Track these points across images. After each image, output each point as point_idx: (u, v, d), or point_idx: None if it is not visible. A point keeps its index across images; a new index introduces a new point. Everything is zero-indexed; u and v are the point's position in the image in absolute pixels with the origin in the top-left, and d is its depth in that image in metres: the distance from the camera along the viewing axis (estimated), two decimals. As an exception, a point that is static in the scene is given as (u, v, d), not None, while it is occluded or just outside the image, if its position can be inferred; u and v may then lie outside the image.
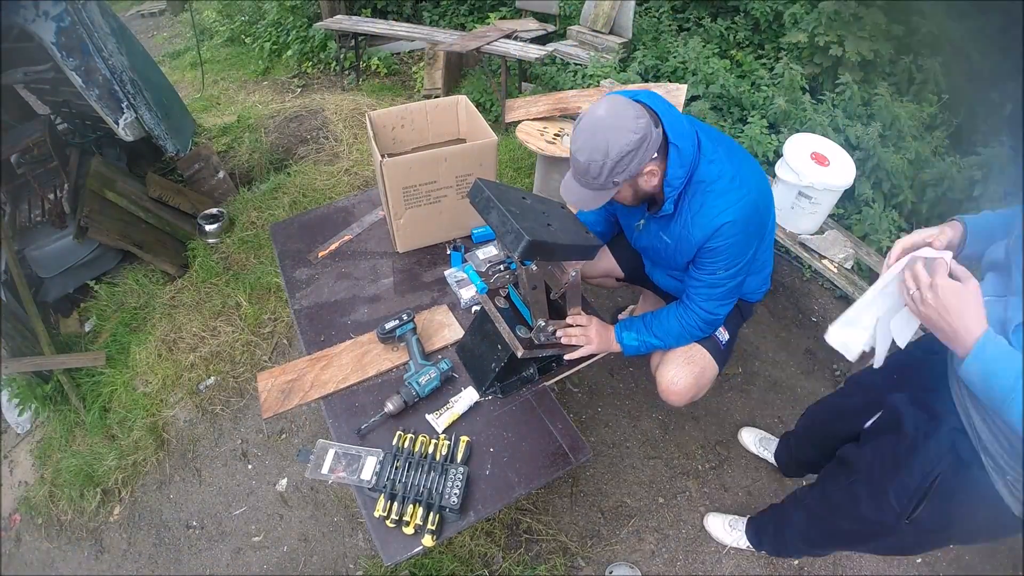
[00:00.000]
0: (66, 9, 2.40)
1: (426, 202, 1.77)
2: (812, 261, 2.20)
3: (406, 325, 1.56)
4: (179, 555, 1.97)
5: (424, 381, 1.45)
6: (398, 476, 1.27)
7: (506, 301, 1.47)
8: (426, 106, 1.94)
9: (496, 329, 1.41)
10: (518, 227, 1.12)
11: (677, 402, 1.57)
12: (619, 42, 3.83)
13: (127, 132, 2.81)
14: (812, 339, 2.55)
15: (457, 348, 1.61)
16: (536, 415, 1.47)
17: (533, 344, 1.38)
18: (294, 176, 3.35)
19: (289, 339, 2.50)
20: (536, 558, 1.83)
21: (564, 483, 2.00)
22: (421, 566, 1.76)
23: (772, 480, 2.02)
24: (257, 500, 2.06)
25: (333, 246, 1.94)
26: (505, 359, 1.41)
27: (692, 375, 1.52)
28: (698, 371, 1.53)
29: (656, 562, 1.85)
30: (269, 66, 5.10)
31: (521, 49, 3.61)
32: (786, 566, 1.85)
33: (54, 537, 2.10)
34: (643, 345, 1.52)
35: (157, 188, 2.99)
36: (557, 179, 2.78)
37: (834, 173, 2.10)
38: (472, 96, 3.96)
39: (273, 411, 1.48)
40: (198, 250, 2.90)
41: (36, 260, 2.63)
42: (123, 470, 2.15)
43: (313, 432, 2.22)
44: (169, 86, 3.43)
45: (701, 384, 1.56)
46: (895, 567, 1.87)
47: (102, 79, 2.62)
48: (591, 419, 2.18)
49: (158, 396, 2.35)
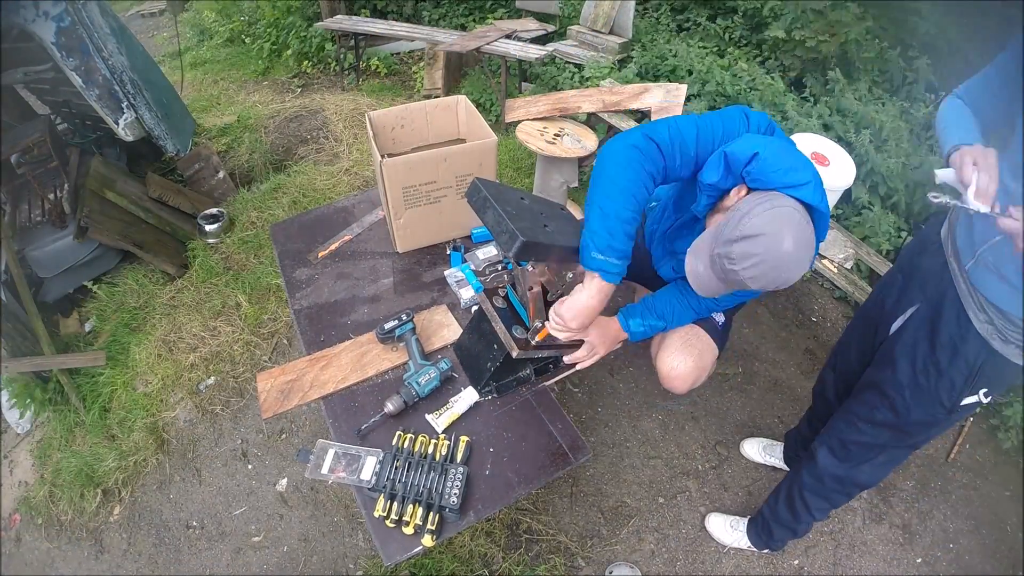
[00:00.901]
0: (66, 9, 2.40)
1: (426, 202, 1.77)
2: (812, 261, 2.20)
3: (405, 325, 1.55)
4: (179, 555, 1.97)
5: (424, 381, 1.45)
6: (398, 476, 1.27)
7: (504, 301, 1.47)
8: (426, 106, 1.94)
9: (493, 329, 1.41)
10: (513, 227, 1.11)
11: (680, 388, 1.54)
12: (619, 42, 3.83)
13: (127, 132, 2.81)
14: (812, 339, 2.55)
15: (455, 346, 1.61)
16: (536, 415, 1.47)
17: (529, 345, 1.38)
18: (294, 176, 3.35)
19: (289, 339, 2.50)
20: (536, 558, 1.83)
21: (564, 483, 2.00)
22: (421, 566, 1.76)
23: (772, 480, 2.02)
24: (257, 500, 2.06)
25: (333, 246, 1.94)
26: (501, 359, 1.41)
27: (692, 358, 1.50)
28: (697, 354, 1.51)
29: (656, 562, 1.85)
30: (269, 66, 5.10)
31: (521, 49, 3.61)
32: (786, 566, 1.85)
33: (54, 537, 2.10)
34: (649, 329, 1.49)
35: (157, 188, 2.99)
36: (557, 179, 2.78)
37: (834, 173, 2.10)
38: (472, 96, 3.96)
39: (273, 411, 1.48)
40: (198, 250, 2.90)
41: (36, 260, 2.63)
42: (123, 470, 2.15)
43: (313, 432, 2.22)
44: (169, 86, 3.42)
45: (702, 367, 1.53)
46: (895, 567, 1.87)
47: (102, 79, 2.62)
48: (591, 419, 2.18)
49: (158, 396, 2.35)
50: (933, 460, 2.15)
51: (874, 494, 2.04)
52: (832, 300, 2.74)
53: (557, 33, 4.37)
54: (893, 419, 1.30)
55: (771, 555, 1.86)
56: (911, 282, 1.31)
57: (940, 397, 1.21)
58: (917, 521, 1.99)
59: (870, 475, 1.45)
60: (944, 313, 1.18)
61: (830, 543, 1.91)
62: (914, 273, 1.30)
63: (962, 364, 1.16)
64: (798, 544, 1.89)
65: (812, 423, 1.81)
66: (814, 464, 1.50)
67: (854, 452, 1.42)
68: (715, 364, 1.65)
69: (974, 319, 1.12)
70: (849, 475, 1.45)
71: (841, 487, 1.49)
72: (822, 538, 1.92)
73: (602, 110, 2.88)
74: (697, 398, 2.27)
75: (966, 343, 1.15)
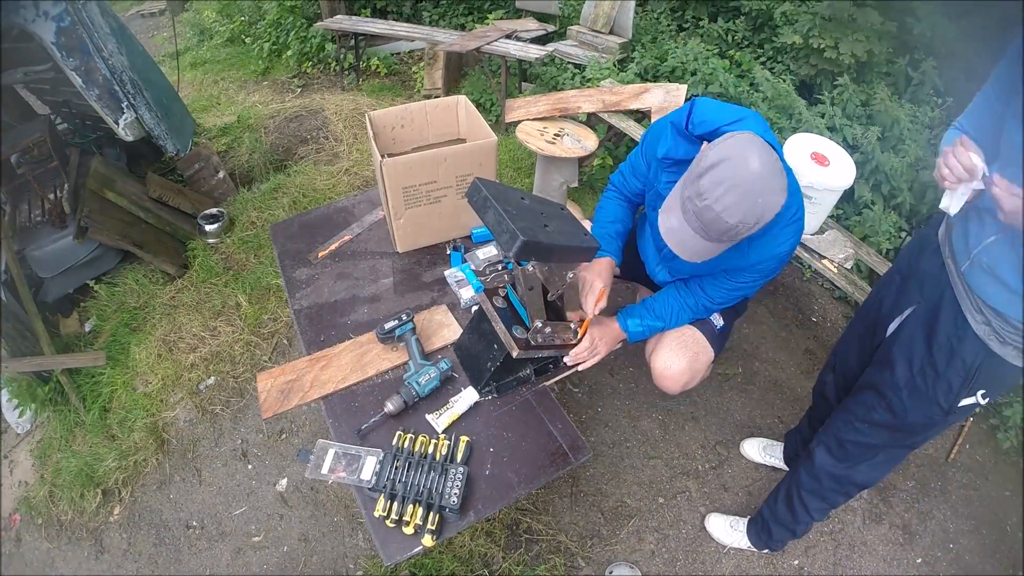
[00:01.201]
0: (66, 9, 2.40)
1: (426, 202, 1.77)
2: (812, 261, 2.20)
3: (405, 325, 1.55)
4: (179, 555, 1.97)
5: (424, 381, 1.45)
6: (398, 476, 1.27)
7: (504, 301, 1.47)
8: (426, 106, 1.94)
9: (493, 329, 1.41)
10: (513, 227, 1.11)
11: (672, 388, 1.56)
12: (619, 42, 3.83)
13: (127, 132, 2.81)
14: (812, 339, 2.55)
15: (455, 346, 1.61)
16: (536, 415, 1.47)
17: (529, 345, 1.38)
18: (294, 176, 3.35)
19: (289, 339, 2.50)
20: (536, 558, 1.83)
21: (564, 483, 2.00)
22: (421, 566, 1.76)
23: (772, 480, 2.02)
24: (257, 500, 2.06)
25: (333, 246, 1.94)
26: (501, 359, 1.41)
27: (686, 359, 1.52)
28: (691, 355, 1.53)
29: (656, 562, 1.85)
30: (269, 66, 5.10)
31: (521, 49, 3.61)
32: (786, 566, 1.85)
33: (54, 537, 2.10)
34: (648, 329, 1.52)
35: (157, 188, 2.99)
36: (557, 179, 2.78)
37: (834, 173, 2.10)
38: (472, 96, 3.96)
39: (273, 411, 1.48)
40: (198, 250, 2.90)
41: (36, 260, 2.63)
42: (123, 470, 2.15)
43: (313, 432, 2.22)
44: (169, 86, 3.42)
45: (695, 368, 1.55)
46: (895, 567, 1.87)
47: (102, 79, 2.61)
48: (591, 419, 2.18)
49: (158, 396, 2.35)
50: (933, 460, 2.15)
51: (874, 494, 2.04)
52: (832, 300, 2.75)
53: (557, 33, 4.37)
54: (891, 420, 1.30)
55: (771, 555, 1.86)
56: (909, 283, 1.30)
57: (937, 398, 1.20)
58: (917, 521, 1.99)
59: (867, 475, 1.45)
60: (941, 314, 1.18)
61: (830, 543, 1.91)
62: (912, 274, 1.30)
63: (959, 365, 1.15)
64: (798, 544, 1.89)
65: (812, 423, 1.81)
66: (812, 463, 1.50)
67: (852, 452, 1.42)
68: (710, 368, 1.66)
69: (971, 320, 1.12)
70: (847, 474, 1.45)
71: (839, 486, 1.49)
72: (822, 538, 1.92)
73: (602, 110, 2.89)
74: (697, 398, 2.27)
75: (963, 344, 1.14)
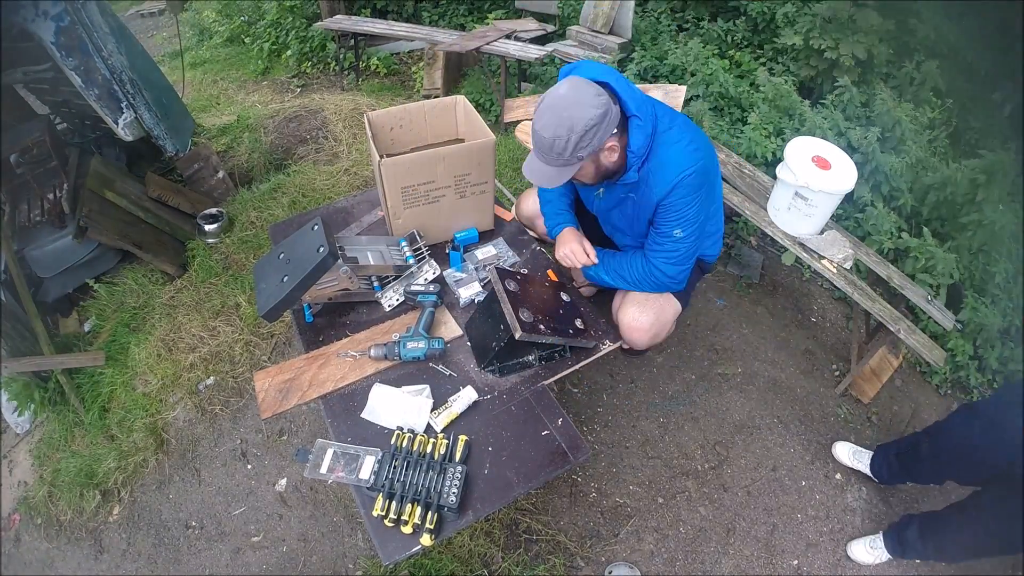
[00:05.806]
0: (66, 9, 2.40)
1: (424, 202, 1.78)
2: (812, 261, 2.20)
3: (429, 295, 1.63)
4: (179, 555, 1.97)
5: (411, 347, 1.52)
6: (396, 475, 1.28)
7: (516, 284, 1.53)
8: (424, 106, 1.94)
9: (502, 310, 1.46)
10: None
11: (640, 340, 1.66)
12: (619, 42, 3.83)
13: (127, 132, 2.81)
14: (812, 339, 2.55)
15: (465, 325, 1.67)
16: (535, 414, 1.47)
17: (534, 329, 1.42)
18: (293, 176, 3.35)
19: (288, 339, 2.50)
20: (535, 558, 1.83)
21: (563, 483, 2.00)
22: (420, 566, 1.76)
23: (772, 480, 2.02)
24: (257, 500, 2.06)
25: (332, 246, 1.94)
26: (506, 339, 1.46)
27: (652, 312, 1.63)
28: (657, 308, 1.64)
29: (655, 562, 1.85)
30: (268, 66, 5.10)
31: (521, 49, 3.61)
32: (785, 566, 1.85)
33: (54, 537, 2.10)
34: (596, 277, 1.69)
35: (156, 188, 2.99)
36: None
37: (834, 177, 2.08)
38: (472, 96, 3.96)
39: (272, 411, 1.48)
40: (197, 250, 2.90)
41: (36, 260, 2.63)
42: (123, 470, 2.15)
43: (312, 432, 2.22)
44: (168, 86, 3.42)
45: (663, 321, 1.66)
46: (895, 568, 1.87)
47: (102, 79, 2.61)
48: (590, 419, 2.18)
49: (158, 396, 2.35)
50: (933, 460, 2.15)
51: (874, 494, 2.03)
52: (832, 300, 2.74)
53: (557, 33, 4.37)
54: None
55: (779, 554, 1.86)
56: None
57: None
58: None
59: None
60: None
61: (830, 543, 1.91)
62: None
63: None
64: (798, 544, 1.89)
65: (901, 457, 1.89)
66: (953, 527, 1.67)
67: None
68: (675, 321, 1.76)
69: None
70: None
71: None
72: (822, 538, 1.92)
73: (602, 110, 2.88)
74: (697, 398, 2.27)
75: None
